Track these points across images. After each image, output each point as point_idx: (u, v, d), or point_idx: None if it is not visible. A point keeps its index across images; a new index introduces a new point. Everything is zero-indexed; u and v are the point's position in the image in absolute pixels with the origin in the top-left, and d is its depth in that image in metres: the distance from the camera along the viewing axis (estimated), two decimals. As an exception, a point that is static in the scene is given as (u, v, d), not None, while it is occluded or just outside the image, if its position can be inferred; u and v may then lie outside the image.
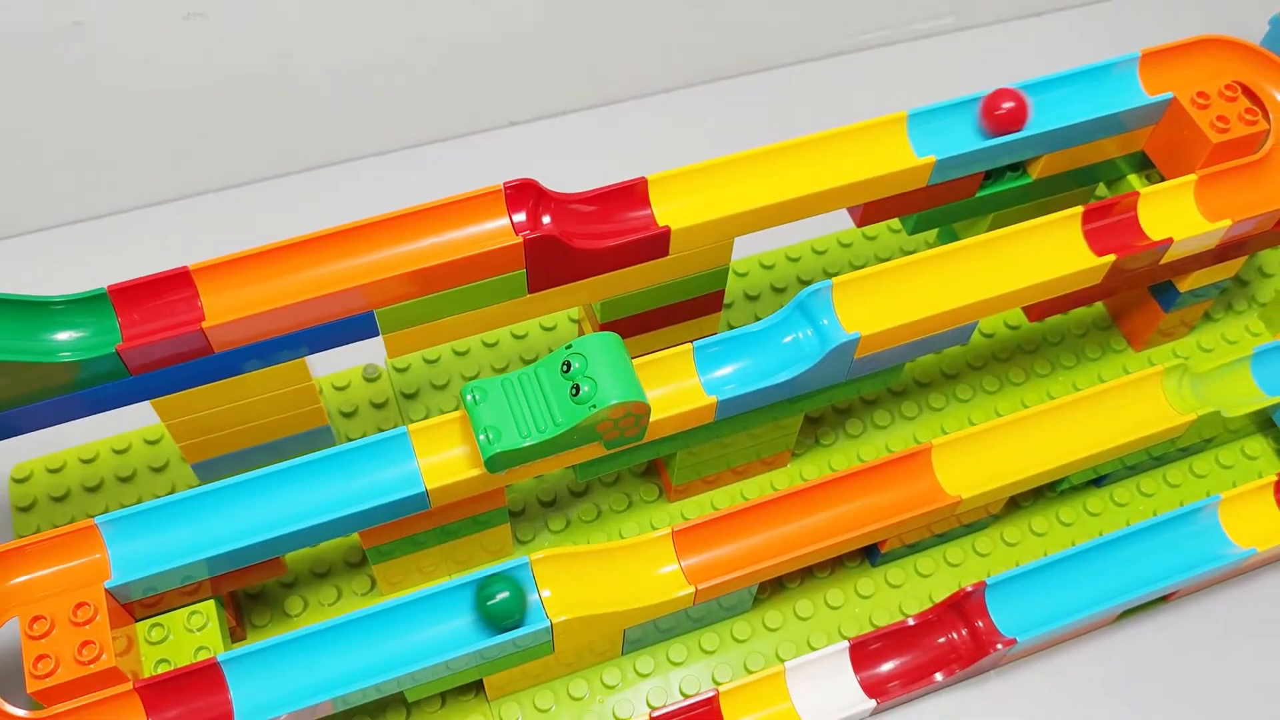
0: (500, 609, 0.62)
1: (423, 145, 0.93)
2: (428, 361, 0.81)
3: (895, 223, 0.87)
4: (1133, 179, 0.79)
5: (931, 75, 0.95)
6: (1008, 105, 0.71)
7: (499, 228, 0.64)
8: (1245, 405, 0.75)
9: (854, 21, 0.97)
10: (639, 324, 0.73)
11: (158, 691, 0.59)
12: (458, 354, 0.81)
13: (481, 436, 0.60)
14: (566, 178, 0.69)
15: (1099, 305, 0.85)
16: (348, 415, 0.79)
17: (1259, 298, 0.86)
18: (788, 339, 0.67)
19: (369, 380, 0.80)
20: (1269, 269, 0.87)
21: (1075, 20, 1.03)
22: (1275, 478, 0.73)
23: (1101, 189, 0.81)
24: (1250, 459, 0.79)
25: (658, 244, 0.67)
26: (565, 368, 0.61)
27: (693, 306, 0.74)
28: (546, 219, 0.65)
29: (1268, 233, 0.74)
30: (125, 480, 0.76)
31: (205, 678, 0.60)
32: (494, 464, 0.61)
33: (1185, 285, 0.78)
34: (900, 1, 0.98)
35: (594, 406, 0.60)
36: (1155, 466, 0.79)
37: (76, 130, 0.83)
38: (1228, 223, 0.71)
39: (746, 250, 0.86)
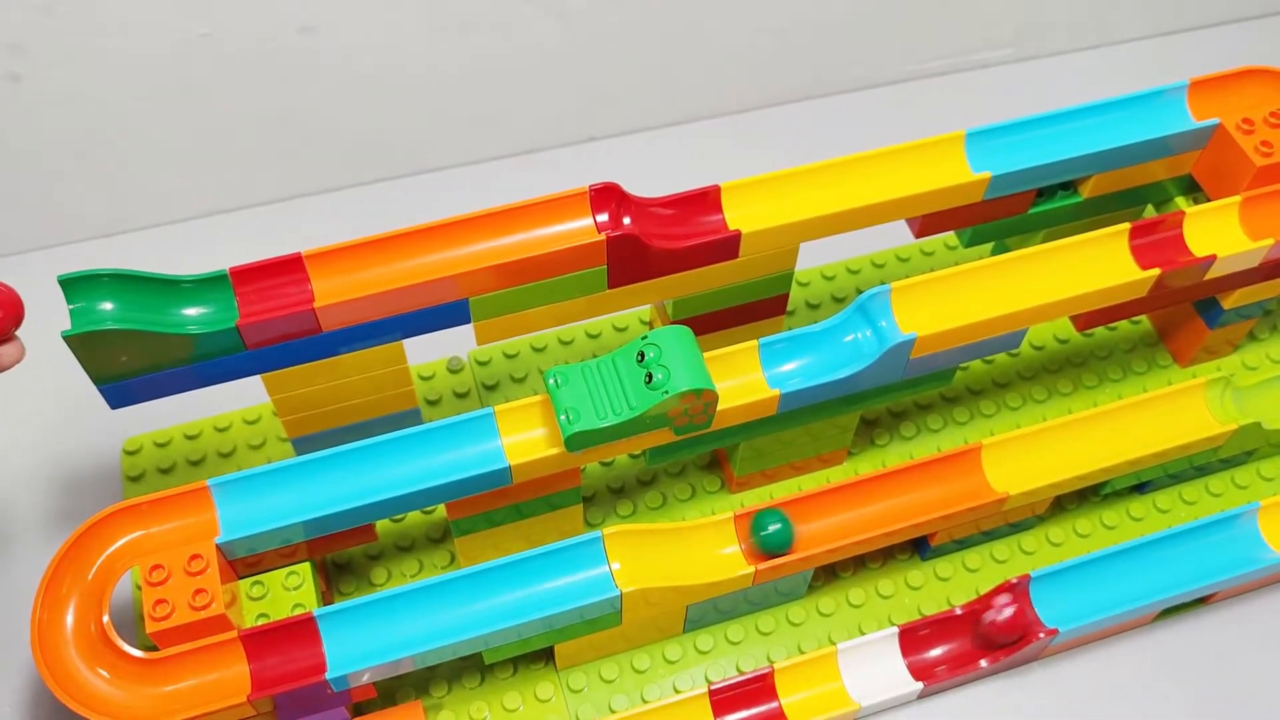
0: (773, 540, 0.70)
1: (509, 156, 0.99)
2: (507, 356, 0.86)
3: (952, 239, 0.91)
4: (1180, 201, 0.83)
5: (990, 102, 0.99)
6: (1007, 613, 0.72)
7: (583, 226, 0.70)
8: (1285, 418, 0.79)
9: (919, 50, 1.02)
10: (708, 323, 0.78)
11: (259, 640, 0.65)
12: (535, 350, 0.86)
13: (562, 417, 0.65)
14: (642, 189, 0.75)
15: (1146, 322, 0.89)
16: (432, 403, 0.84)
17: (1303, 320, 0.89)
18: (848, 339, 0.72)
19: (453, 372, 0.86)
20: (1313, 293, 0.90)
21: (1128, 54, 1.07)
22: (1313, 487, 0.77)
23: (1149, 210, 0.85)
24: (1291, 472, 0.83)
25: (728, 246, 0.72)
26: (640, 357, 0.66)
27: (759, 308, 0.79)
28: (627, 220, 0.70)
29: (1307, 254, 0.78)
30: (225, 456, 0.82)
31: (302, 630, 0.65)
32: (573, 443, 0.66)
33: (1229, 303, 0.82)
34: (962, 33, 1.02)
35: (666, 392, 0.65)
36: (1198, 476, 0.82)
37: (207, 134, 0.90)
38: (1270, 241, 0.74)
39: (810, 262, 0.90)
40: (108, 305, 0.65)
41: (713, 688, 0.71)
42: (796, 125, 1.02)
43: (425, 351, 0.85)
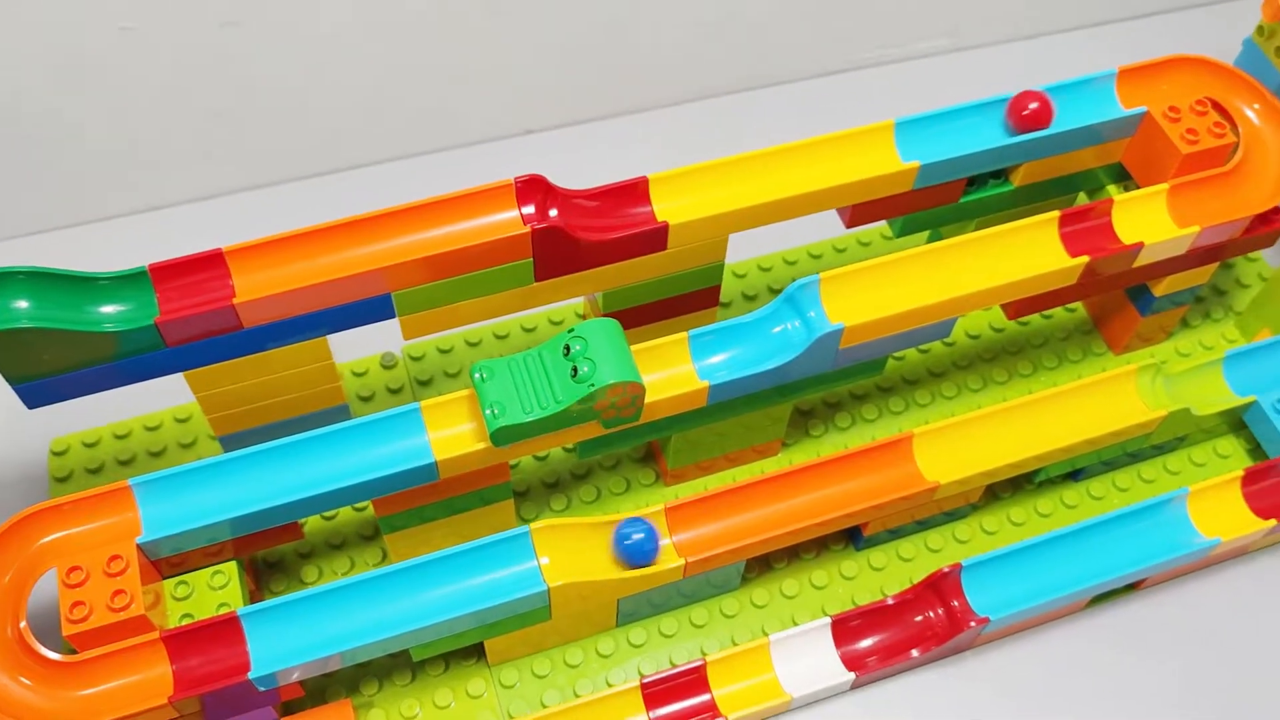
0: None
1: (445, 150, 0.98)
2: (441, 351, 0.86)
3: (888, 230, 0.91)
4: (1111, 189, 0.83)
5: (926, 93, 0.99)
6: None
7: (509, 219, 0.69)
8: (1214, 405, 0.79)
9: (855, 41, 1.02)
10: (640, 316, 0.78)
11: (181, 641, 0.64)
12: (470, 345, 0.86)
13: (488, 411, 0.65)
14: (578, 180, 0.74)
15: (1081, 310, 0.89)
16: (365, 399, 0.84)
17: (1235, 306, 0.90)
18: (777, 329, 0.71)
19: (386, 368, 0.85)
20: (1245, 280, 0.91)
21: (1067, 43, 1.07)
22: (1242, 472, 0.77)
23: (1082, 198, 0.85)
24: (1222, 457, 0.83)
25: (656, 238, 0.72)
26: (566, 350, 0.66)
27: (690, 301, 0.78)
28: (553, 212, 0.70)
29: (1236, 240, 0.78)
30: (156, 455, 0.81)
31: (225, 630, 0.64)
32: (499, 438, 0.65)
33: (1160, 290, 0.82)
34: (899, 24, 1.03)
35: (592, 386, 0.65)
36: (1131, 463, 0.83)
37: (129, 130, 0.89)
38: (1196, 229, 0.75)
39: (745, 253, 0.90)
40: (22, 303, 0.64)
41: (645, 681, 0.71)
42: (738, 117, 1.01)
43: (359, 347, 0.84)
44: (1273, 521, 0.75)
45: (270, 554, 0.77)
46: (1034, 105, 0.76)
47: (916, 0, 1.01)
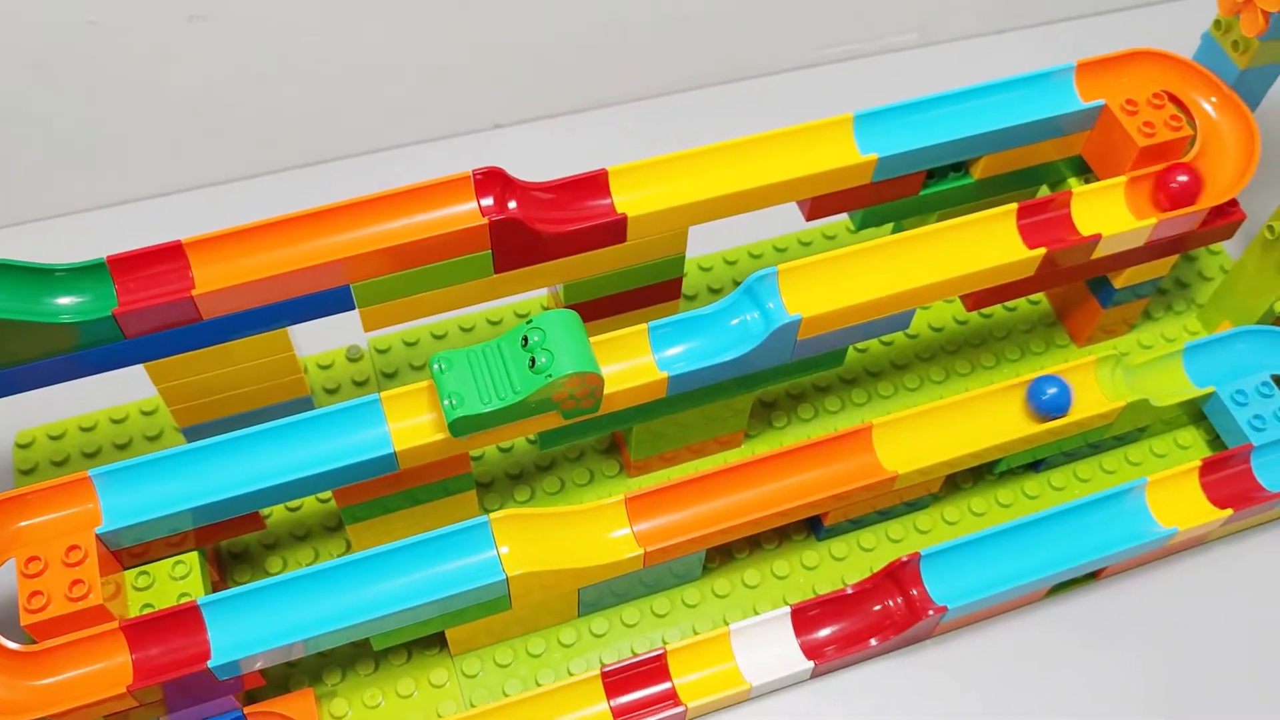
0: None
1: (414, 144, 0.98)
2: (407, 344, 0.86)
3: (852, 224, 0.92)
4: (1072, 181, 0.84)
5: (894, 87, 1.00)
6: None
7: (467, 210, 0.70)
8: (1173, 395, 0.80)
9: (823, 36, 1.03)
10: (602, 308, 0.78)
11: (141, 630, 0.64)
12: (435, 337, 0.86)
13: (446, 402, 0.65)
14: (545, 173, 0.75)
15: (1044, 302, 0.90)
16: (331, 392, 0.84)
17: (1197, 299, 0.90)
18: (735, 321, 0.72)
19: (352, 360, 0.85)
20: (1208, 273, 0.92)
21: (1035, 38, 1.08)
22: (1199, 462, 0.78)
23: (1044, 190, 0.86)
24: (1182, 448, 0.84)
25: (615, 230, 0.72)
26: (525, 341, 0.66)
27: (652, 293, 0.79)
28: (512, 204, 0.70)
29: (1195, 232, 0.79)
30: (121, 448, 0.81)
31: (185, 619, 0.65)
32: (457, 428, 0.66)
33: (1120, 282, 0.83)
34: (868, 19, 1.03)
35: (549, 376, 0.65)
36: (1092, 454, 0.83)
37: (86, 124, 0.89)
38: (1154, 220, 0.76)
39: (712, 246, 0.91)
40: (-22, 295, 0.64)
41: (605, 669, 0.71)
42: (711, 112, 1.02)
43: (325, 339, 0.85)
44: (1229, 511, 0.76)
45: (234, 545, 0.78)
46: (1182, 179, 0.76)
47: (885, -5, 1.02)
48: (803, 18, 1.02)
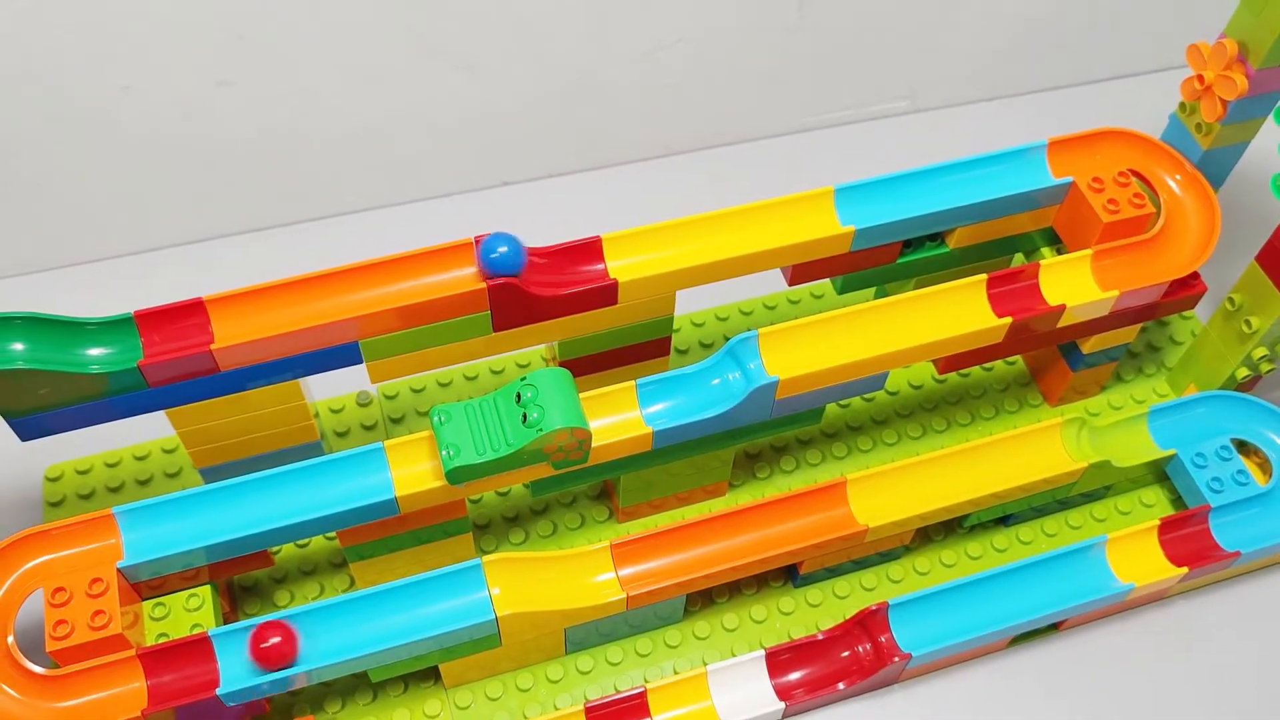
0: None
1: (425, 200, 1.04)
2: (414, 391, 0.91)
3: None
4: (1045, 251, 0.88)
5: (883, 153, 1.05)
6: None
7: (468, 274, 0.75)
8: (1135, 457, 0.84)
9: (816, 102, 1.08)
10: (594, 364, 0.83)
11: (156, 658, 0.69)
12: (441, 385, 0.91)
13: (444, 452, 0.70)
14: (550, 232, 0.80)
15: (1019, 363, 0.94)
16: (341, 435, 0.89)
17: (1167, 363, 0.95)
18: (717, 380, 0.77)
19: (361, 405, 0.90)
20: (1179, 337, 0.96)
21: (1024, 105, 1.13)
22: (1158, 521, 0.82)
23: (1019, 259, 0.91)
24: (1146, 506, 0.88)
25: (607, 293, 0.77)
26: (518, 397, 0.71)
27: (642, 350, 0.84)
28: (510, 269, 0.76)
29: (1156, 303, 0.83)
30: (143, 483, 0.87)
31: (197, 649, 0.70)
32: (454, 476, 0.71)
33: (1088, 347, 0.87)
34: (860, 86, 1.08)
35: (540, 430, 0.70)
36: (1059, 510, 0.87)
37: (116, 178, 0.95)
38: (1116, 293, 0.80)
39: (705, 303, 0.96)
40: (18, 346, 0.70)
41: (589, 705, 0.76)
42: (699, 172, 1.07)
43: (336, 386, 0.90)
44: (1185, 569, 0.80)
45: (245, 579, 0.83)
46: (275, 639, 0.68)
47: (876, 64, 1.07)
48: (799, 85, 1.07)
